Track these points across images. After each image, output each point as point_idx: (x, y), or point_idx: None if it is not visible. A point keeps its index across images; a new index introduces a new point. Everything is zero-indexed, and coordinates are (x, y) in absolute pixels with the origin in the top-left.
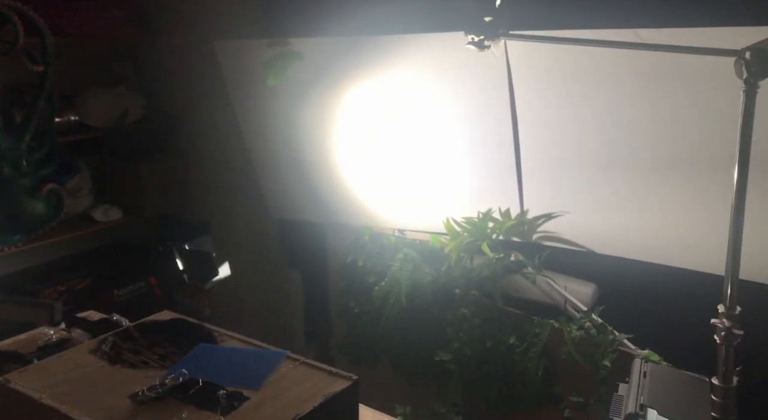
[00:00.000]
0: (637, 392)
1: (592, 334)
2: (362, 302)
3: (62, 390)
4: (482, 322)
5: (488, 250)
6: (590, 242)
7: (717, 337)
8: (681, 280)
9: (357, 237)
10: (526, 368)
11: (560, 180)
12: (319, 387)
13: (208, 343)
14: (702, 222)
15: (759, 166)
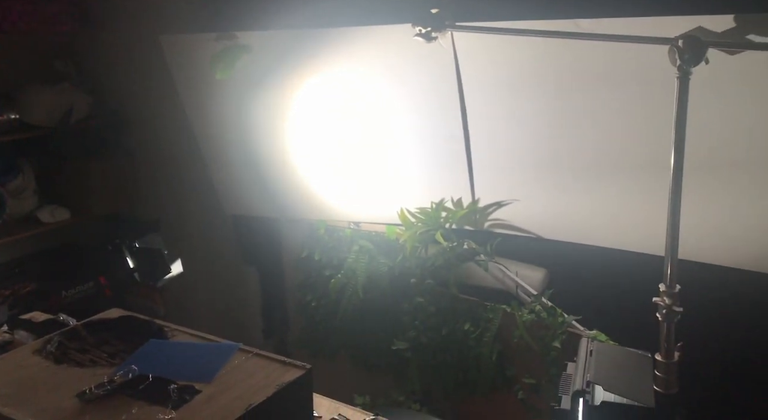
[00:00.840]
0: (584, 370)
1: (543, 317)
2: (319, 296)
3: (5, 392)
4: (437, 310)
5: (442, 239)
6: (539, 228)
7: (659, 315)
8: (625, 262)
9: (312, 231)
10: (481, 353)
11: (509, 169)
12: (272, 377)
13: (158, 339)
14: (643, 206)
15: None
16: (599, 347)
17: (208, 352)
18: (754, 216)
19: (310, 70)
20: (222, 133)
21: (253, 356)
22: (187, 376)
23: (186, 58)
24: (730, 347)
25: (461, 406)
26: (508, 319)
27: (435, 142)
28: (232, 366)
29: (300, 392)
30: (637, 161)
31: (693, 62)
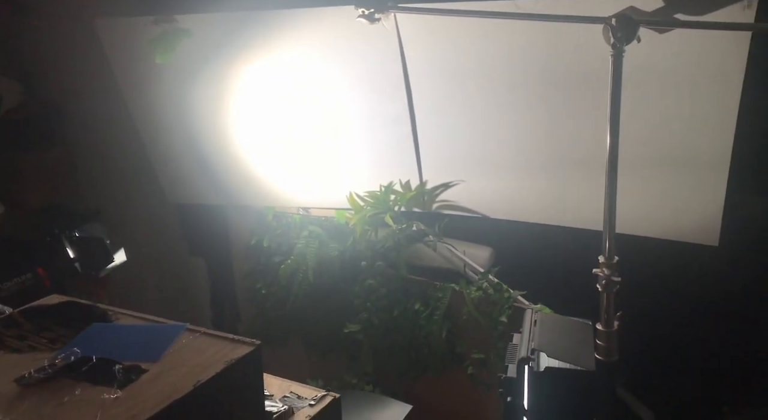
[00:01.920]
0: (528, 339)
1: (490, 293)
2: (269, 283)
3: None
4: (388, 292)
5: (391, 222)
6: (485, 208)
7: (598, 286)
8: (567, 238)
9: (260, 218)
10: (431, 332)
11: (456, 150)
12: (221, 354)
13: (102, 323)
14: (582, 183)
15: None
16: (543, 317)
17: (154, 332)
18: (687, 191)
19: (253, 53)
20: (163, 120)
21: (201, 335)
22: (132, 357)
23: (123, 42)
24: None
25: (413, 385)
26: (456, 297)
27: (382, 124)
28: (179, 345)
29: (250, 369)
30: (577, 139)
31: (626, 40)
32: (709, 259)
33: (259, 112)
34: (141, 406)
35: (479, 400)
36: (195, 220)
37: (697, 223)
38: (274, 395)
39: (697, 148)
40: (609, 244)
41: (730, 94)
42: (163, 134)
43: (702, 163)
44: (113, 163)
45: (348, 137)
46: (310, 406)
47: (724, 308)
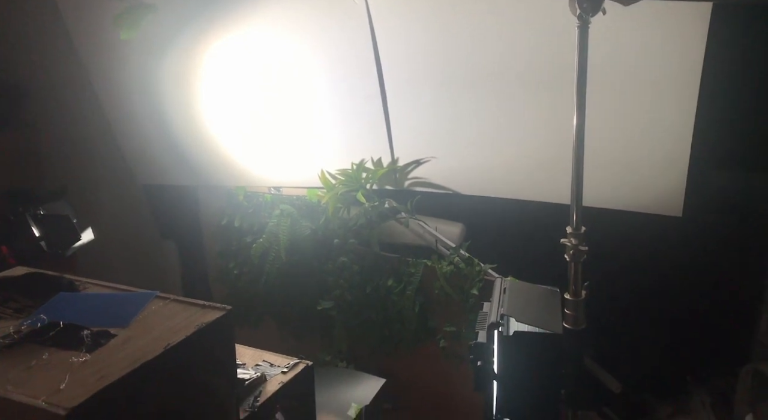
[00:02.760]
0: (498, 306)
1: (461, 267)
2: (241, 263)
3: None
4: (361, 269)
5: (363, 199)
6: (456, 185)
7: (566, 256)
8: (537, 212)
9: (231, 198)
10: (404, 307)
11: (426, 127)
12: (191, 319)
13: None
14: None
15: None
16: (512, 285)
17: (123, 300)
18: (651, 163)
19: (220, 30)
20: (129, 98)
21: (171, 302)
22: (101, 323)
23: (87, 18)
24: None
25: (386, 361)
26: (428, 272)
27: (353, 101)
28: (149, 311)
29: (221, 333)
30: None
31: (591, 11)
32: (673, 230)
33: (228, 90)
34: (110, 368)
35: (451, 373)
36: (165, 201)
37: (661, 194)
38: (246, 364)
39: (661, 120)
40: (576, 214)
41: (691, 69)
42: (130, 113)
43: (665, 135)
44: (78, 145)
45: (319, 115)
46: (282, 373)
47: (688, 278)
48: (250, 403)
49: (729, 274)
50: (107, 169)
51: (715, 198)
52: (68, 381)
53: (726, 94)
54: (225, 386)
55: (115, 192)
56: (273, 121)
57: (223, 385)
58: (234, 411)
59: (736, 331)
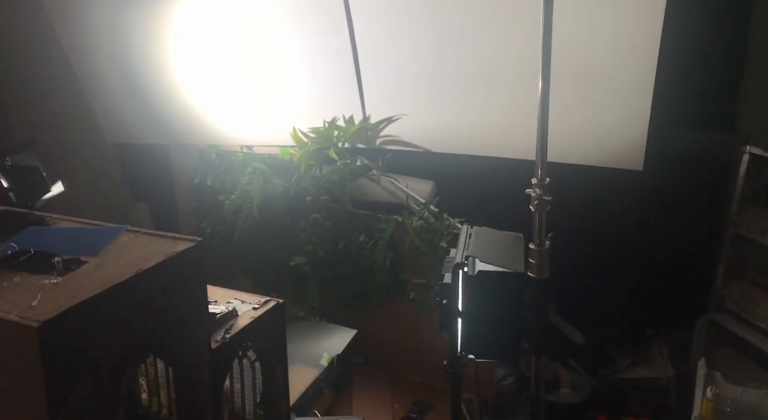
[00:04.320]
0: (463, 248)
1: (431, 222)
2: (214, 221)
3: None
4: (333, 225)
5: (335, 156)
6: (427, 143)
7: (531, 206)
8: (503, 168)
9: (203, 157)
10: (375, 261)
11: (397, 83)
12: (162, 249)
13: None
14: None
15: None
16: (477, 231)
17: (93, 233)
18: (612, 118)
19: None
20: (97, 53)
21: (142, 234)
22: (72, 253)
23: None
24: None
25: (358, 315)
26: (399, 227)
27: (324, 58)
28: (120, 242)
29: (192, 263)
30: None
31: None
32: (634, 184)
33: (200, 48)
34: (82, 289)
35: (421, 324)
36: (136, 160)
37: (623, 149)
38: (218, 301)
39: (622, 74)
40: (541, 166)
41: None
42: (100, 71)
43: (627, 89)
44: (47, 102)
45: (291, 73)
46: (254, 309)
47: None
48: (222, 335)
49: (687, 228)
50: (76, 128)
51: (674, 153)
52: (40, 299)
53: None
54: (197, 316)
55: (85, 151)
56: (245, 79)
57: (195, 314)
58: (206, 341)
59: (694, 284)
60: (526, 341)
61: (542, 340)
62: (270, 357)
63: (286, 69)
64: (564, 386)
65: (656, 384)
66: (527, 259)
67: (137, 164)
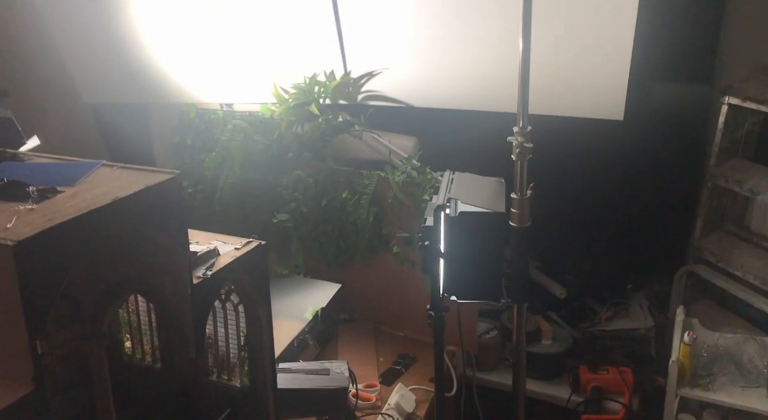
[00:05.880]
0: (445, 192)
1: (414, 176)
2: (195, 181)
3: None
4: (316, 182)
5: (317, 110)
6: (409, 98)
7: (513, 155)
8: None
9: (182, 116)
10: (359, 217)
11: (379, 40)
12: (139, 180)
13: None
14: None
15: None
16: (459, 175)
17: (69, 167)
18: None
19: None
20: (72, 11)
21: (119, 168)
22: (47, 183)
23: None
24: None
25: (342, 272)
26: (382, 183)
27: (303, 12)
28: (97, 174)
29: (170, 196)
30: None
31: None
32: (615, 135)
33: (176, 4)
34: (58, 214)
35: (405, 278)
36: (113, 120)
37: (603, 99)
38: (199, 242)
39: (602, 27)
40: (522, 114)
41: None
42: (74, 28)
43: (606, 41)
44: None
45: (269, 28)
46: (236, 250)
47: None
48: (203, 271)
49: (666, 179)
50: (51, 87)
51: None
52: (15, 222)
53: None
54: (177, 249)
55: (60, 110)
56: (222, 36)
57: (175, 248)
58: (187, 276)
59: (673, 236)
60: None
61: (524, 289)
62: (253, 298)
63: (264, 24)
64: (545, 338)
65: (635, 334)
66: (509, 208)
67: (115, 124)
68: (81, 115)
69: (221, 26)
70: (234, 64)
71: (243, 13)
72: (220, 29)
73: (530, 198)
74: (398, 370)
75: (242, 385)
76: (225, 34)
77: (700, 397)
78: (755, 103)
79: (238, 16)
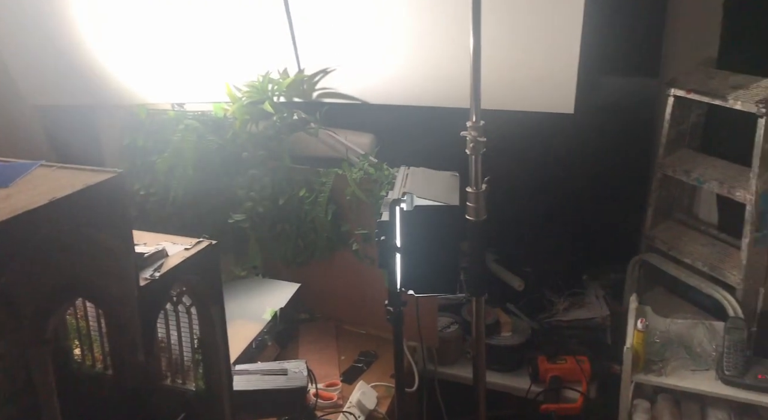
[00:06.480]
0: (400, 187)
1: (371, 172)
2: (148, 184)
3: None
4: (272, 181)
5: (271, 108)
6: (365, 95)
7: (467, 149)
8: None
9: (132, 117)
10: (317, 215)
11: (332, 37)
12: (80, 179)
13: None
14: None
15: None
16: (414, 170)
17: (4, 167)
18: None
19: None
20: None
21: (58, 168)
22: None
23: None
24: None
25: (301, 272)
26: (339, 180)
27: (254, 10)
28: (34, 175)
29: (113, 195)
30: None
31: None
32: (566, 129)
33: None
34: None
35: (365, 275)
36: (60, 123)
37: (554, 93)
38: (147, 243)
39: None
40: (475, 109)
41: None
42: (15, 28)
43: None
44: None
45: (220, 26)
46: (185, 250)
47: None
48: (150, 273)
49: (618, 171)
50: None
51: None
52: None
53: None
54: (122, 251)
55: (4, 113)
56: (171, 35)
57: (120, 249)
58: (134, 278)
59: (626, 227)
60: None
61: (482, 282)
62: (205, 299)
63: (214, 23)
64: (505, 330)
65: (592, 323)
66: (465, 201)
67: (62, 126)
68: (26, 117)
69: (170, 26)
70: (184, 64)
71: (192, 12)
72: (168, 29)
73: (486, 191)
74: (360, 368)
75: (197, 389)
76: (174, 33)
77: (653, 382)
78: (699, 94)
79: (187, 15)
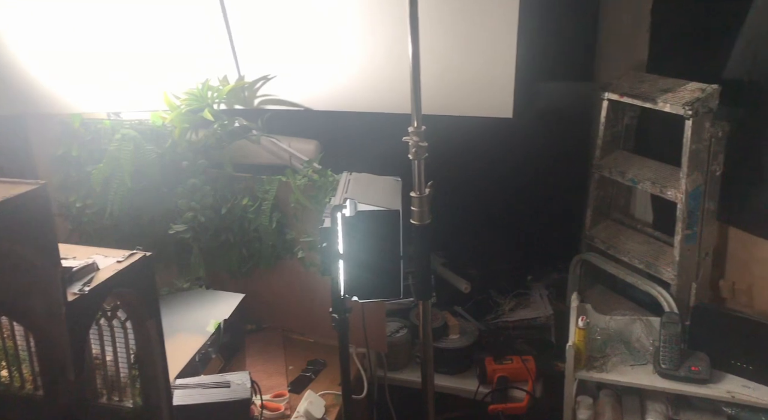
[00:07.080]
0: (342, 192)
1: (315, 179)
2: (84, 195)
3: None
4: (214, 190)
5: (210, 116)
6: (307, 101)
7: (410, 154)
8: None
9: (65, 126)
10: (261, 224)
11: (272, 42)
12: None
13: None
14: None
15: None
16: (356, 176)
17: None
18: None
19: None
20: None
21: None
22: None
23: None
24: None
25: (247, 282)
26: (283, 187)
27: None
28: None
29: (35, 208)
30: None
31: None
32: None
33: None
34: None
35: (312, 283)
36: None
37: (493, 98)
38: (76, 257)
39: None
40: (416, 113)
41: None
42: None
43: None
44: None
45: (156, 34)
46: (118, 262)
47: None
48: (79, 287)
49: (557, 174)
50: None
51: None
52: None
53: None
54: (46, 264)
55: None
56: (106, 43)
57: (44, 262)
58: (60, 291)
59: (567, 228)
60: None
61: (428, 286)
62: (141, 313)
63: (151, 30)
64: (452, 332)
65: (536, 323)
66: (408, 206)
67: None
68: None
69: (104, 32)
70: (120, 72)
71: (128, 18)
72: (103, 35)
73: (429, 196)
74: (308, 377)
75: (135, 405)
76: (109, 40)
77: (595, 378)
78: (630, 98)
79: (123, 21)
